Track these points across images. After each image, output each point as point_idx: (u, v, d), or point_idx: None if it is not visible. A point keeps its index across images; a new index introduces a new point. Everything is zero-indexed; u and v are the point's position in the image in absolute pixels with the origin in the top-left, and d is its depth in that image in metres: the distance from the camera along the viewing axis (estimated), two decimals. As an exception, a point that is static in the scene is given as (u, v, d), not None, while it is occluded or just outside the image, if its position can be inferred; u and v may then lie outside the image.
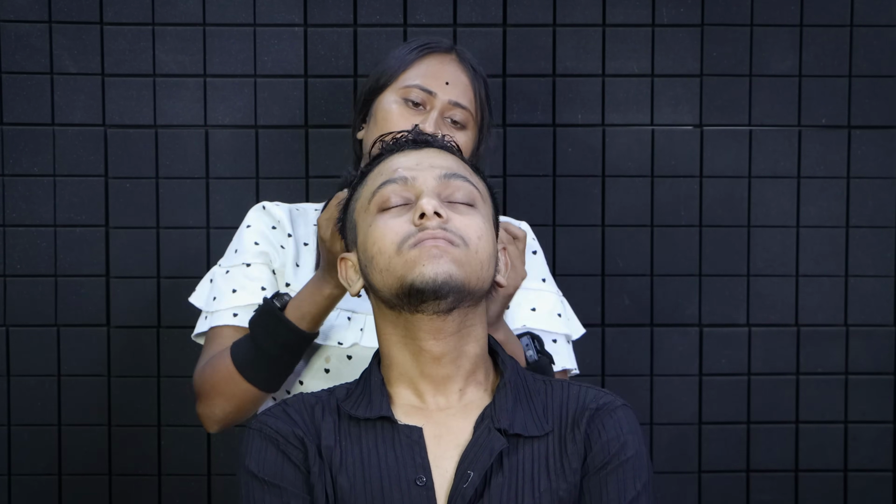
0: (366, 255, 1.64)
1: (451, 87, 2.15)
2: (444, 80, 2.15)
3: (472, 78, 2.20)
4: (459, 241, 1.59)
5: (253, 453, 1.63)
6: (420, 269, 1.57)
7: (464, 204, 1.63)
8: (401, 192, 1.63)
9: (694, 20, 2.91)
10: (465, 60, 2.22)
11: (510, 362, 1.71)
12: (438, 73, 2.16)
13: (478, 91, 2.19)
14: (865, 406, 2.97)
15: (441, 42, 2.23)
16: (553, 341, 2.12)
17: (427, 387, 1.66)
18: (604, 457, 1.62)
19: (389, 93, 2.16)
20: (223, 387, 2.03)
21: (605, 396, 1.68)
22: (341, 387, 1.71)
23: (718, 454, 2.95)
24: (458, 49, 2.24)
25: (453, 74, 2.17)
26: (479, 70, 2.24)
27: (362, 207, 1.67)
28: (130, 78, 2.88)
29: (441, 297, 1.58)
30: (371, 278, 1.64)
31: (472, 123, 2.17)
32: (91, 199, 2.89)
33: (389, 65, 2.20)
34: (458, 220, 1.61)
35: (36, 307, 2.89)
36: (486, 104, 2.22)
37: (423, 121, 2.11)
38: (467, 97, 2.17)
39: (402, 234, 1.59)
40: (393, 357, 1.67)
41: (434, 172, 1.64)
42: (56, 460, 2.91)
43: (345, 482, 1.59)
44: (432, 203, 1.58)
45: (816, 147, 2.93)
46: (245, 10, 2.88)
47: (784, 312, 2.95)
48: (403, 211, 1.62)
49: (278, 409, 1.67)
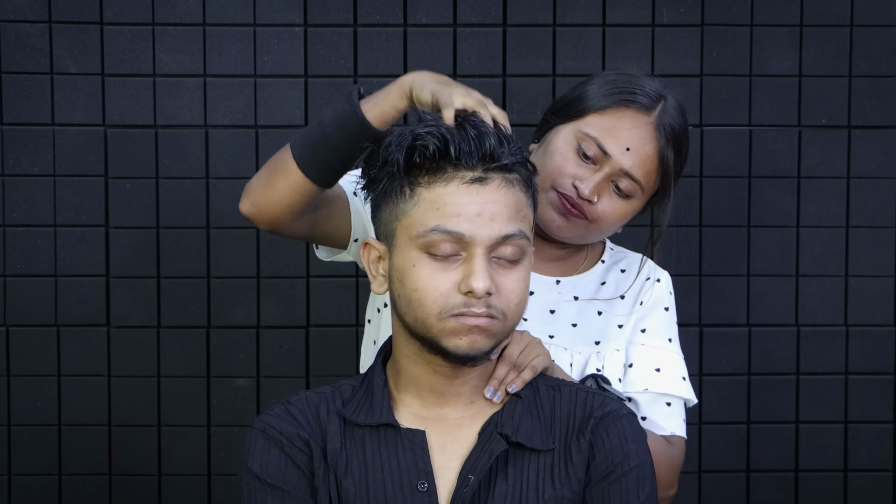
0: (402, 290, 1.59)
1: (630, 155, 1.94)
2: (625, 145, 1.94)
3: (659, 149, 1.96)
4: (500, 317, 1.58)
5: (255, 454, 1.62)
6: (455, 342, 1.56)
7: (511, 261, 1.59)
8: (452, 245, 1.56)
9: (694, 20, 2.91)
10: (663, 127, 1.96)
11: None
12: (624, 134, 1.95)
13: (662, 163, 1.97)
14: (865, 406, 2.97)
15: (649, 93, 1.98)
16: (667, 404, 2.01)
17: (434, 398, 1.65)
18: (607, 466, 1.61)
19: (569, 128, 1.98)
20: (272, 163, 1.86)
21: (611, 404, 1.66)
22: (346, 385, 1.69)
23: (718, 454, 2.95)
24: (662, 109, 1.98)
25: (639, 141, 1.95)
26: (677, 136, 1.99)
27: (407, 227, 1.59)
28: (130, 78, 2.88)
29: (468, 364, 1.60)
30: (401, 309, 1.61)
31: (639, 195, 1.97)
32: (91, 199, 2.89)
33: (588, 95, 1.99)
34: (503, 289, 1.58)
35: (36, 307, 2.89)
36: (670, 175, 1.98)
37: (586, 177, 1.93)
38: (643, 170, 1.95)
39: (447, 302, 1.55)
40: (403, 366, 1.65)
41: (493, 231, 1.56)
42: (56, 460, 2.91)
43: (350, 486, 1.58)
44: (484, 283, 1.54)
45: (816, 147, 2.93)
46: (245, 10, 2.88)
47: (784, 312, 2.95)
48: (451, 263, 1.56)
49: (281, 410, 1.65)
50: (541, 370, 1.72)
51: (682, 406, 2.04)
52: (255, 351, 2.92)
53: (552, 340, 1.97)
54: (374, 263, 1.65)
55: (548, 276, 2.03)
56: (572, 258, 2.07)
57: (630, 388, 1.98)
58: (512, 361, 1.70)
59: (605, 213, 1.96)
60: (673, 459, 1.98)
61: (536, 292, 2.00)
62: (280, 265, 2.91)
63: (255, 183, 1.87)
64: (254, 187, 1.87)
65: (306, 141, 1.80)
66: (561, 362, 1.95)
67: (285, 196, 1.83)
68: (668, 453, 1.97)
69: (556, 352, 1.96)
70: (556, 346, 1.97)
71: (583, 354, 1.99)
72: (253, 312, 2.92)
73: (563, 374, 1.81)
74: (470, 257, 1.56)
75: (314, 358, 2.92)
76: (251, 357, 2.92)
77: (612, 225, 1.99)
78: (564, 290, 2.03)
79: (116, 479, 2.91)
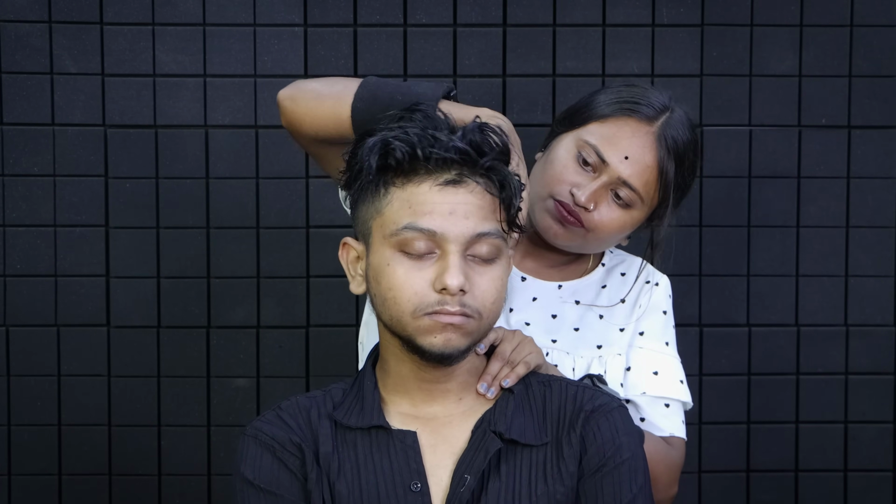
0: (378, 289, 1.60)
1: (628, 164, 1.93)
2: (623, 154, 1.93)
3: (659, 160, 1.95)
4: (475, 315, 1.58)
5: (248, 460, 1.62)
6: (430, 340, 1.57)
7: (486, 260, 1.60)
8: (426, 243, 1.57)
9: (694, 20, 2.90)
10: (664, 138, 1.95)
11: None
12: (623, 143, 1.94)
13: (663, 174, 1.96)
14: (865, 406, 2.97)
15: (653, 103, 1.97)
16: (665, 405, 2.01)
17: (423, 396, 1.65)
18: (599, 459, 1.61)
19: (571, 137, 1.98)
20: (334, 86, 1.84)
21: (601, 398, 1.66)
22: (337, 388, 1.70)
23: (718, 454, 2.95)
24: (665, 121, 1.97)
25: (639, 151, 1.94)
26: (680, 148, 1.98)
27: (381, 226, 1.60)
28: (130, 78, 2.88)
29: (444, 362, 1.60)
30: (377, 308, 1.62)
31: (640, 205, 1.96)
32: (91, 199, 2.89)
33: (593, 104, 1.99)
34: (478, 288, 1.58)
35: (36, 307, 2.89)
36: (670, 187, 1.97)
37: (584, 185, 1.92)
38: (642, 179, 1.94)
39: (421, 301, 1.56)
40: (391, 366, 1.66)
41: (466, 228, 1.57)
42: (56, 460, 2.91)
43: (343, 489, 1.59)
44: (457, 280, 1.55)
45: (816, 147, 2.93)
46: (245, 10, 2.88)
47: (784, 312, 2.95)
48: (425, 261, 1.57)
49: (273, 416, 1.66)
50: (533, 366, 1.72)
51: (681, 408, 2.04)
52: (255, 351, 2.92)
53: (554, 345, 1.98)
54: (353, 263, 1.66)
55: (550, 282, 2.03)
56: (574, 264, 2.07)
57: (629, 391, 1.99)
58: (505, 358, 1.71)
59: (602, 222, 1.95)
60: (672, 460, 1.98)
61: (539, 298, 2.00)
62: (280, 265, 2.91)
63: (308, 90, 1.86)
64: (304, 93, 1.86)
65: (374, 95, 1.79)
66: (563, 367, 1.95)
67: (322, 120, 1.83)
68: (667, 454, 1.97)
69: (558, 356, 1.96)
70: (558, 350, 1.97)
71: (585, 359, 1.99)
72: (253, 312, 2.92)
73: (555, 372, 1.82)
74: (444, 255, 1.57)
75: (314, 358, 2.93)
76: (251, 357, 2.92)
77: (610, 234, 1.98)
78: (566, 295, 2.03)
79: (116, 479, 2.92)
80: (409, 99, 1.75)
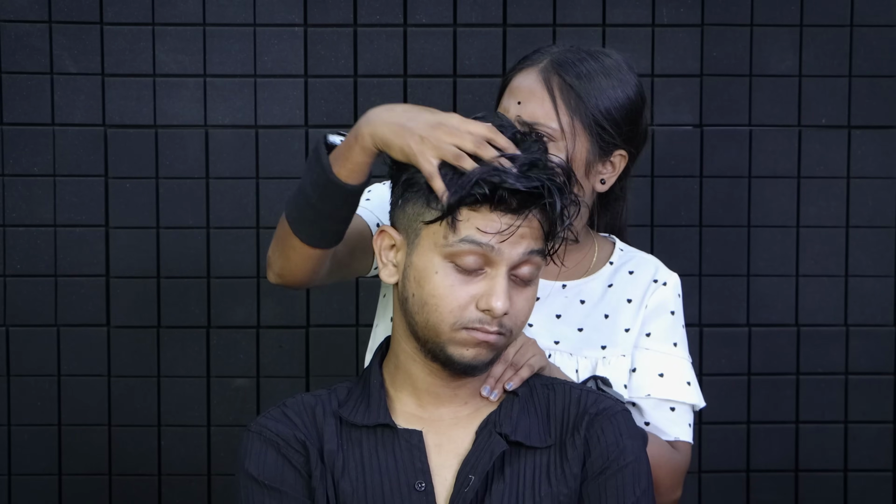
0: (419, 291, 1.59)
1: (522, 107, 1.89)
2: (516, 100, 1.91)
3: (544, 79, 1.90)
4: (507, 333, 1.60)
5: (252, 456, 1.62)
6: (462, 352, 1.58)
7: (525, 281, 1.60)
8: (476, 259, 1.56)
9: (694, 20, 2.91)
10: (552, 72, 1.90)
11: None
12: (514, 91, 1.92)
13: (552, 91, 1.89)
14: (865, 406, 2.97)
15: (545, 51, 1.93)
16: (671, 409, 1.99)
17: (432, 399, 1.65)
18: (602, 462, 1.61)
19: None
20: (279, 235, 1.85)
21: (605, 401, 1.66)
22: (342, 386, 1.70)
23: (718, 454, 2.95)
24: (551, 55, 1.92)
25: (527, 91, 1.90)
26: (562, 58, 1.91)
27: (434, 233, 1.58)
28: (130, 78, 2.88)
29: (468, 373, 1.61)
30: (411, 309, 1.61)
31: (559, 136, 1.88)
32: (91, 199, 2.89)
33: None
34: (515, 308, 1.59)
35: (36, 307, 2.89)
36: (570, 98, 1.89)
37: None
38: (543, 110, 1.89)
39: (462, 315, 1.57)
40: (401, 364, 1.66)
41: (518, 251, 1.56)
42: (56, 460, 2.91)
43: (347, 486, 1.59)
44: (504, 305, 1.56)
45: (816, 147, 2.93)
46: (245, 10, 2.88)
47: (784, 312, 2.95)
48: (473, 277, 1.57)
49: (278, 412, 1.65)
50: (537, 369, 1.72)
51: (689, 411, 2.01)
52: (255, 351, 2.92)
53: (557, 346, 1.96)
54: (386, 251, 1.64)
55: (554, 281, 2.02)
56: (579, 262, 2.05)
57: (633, 393, 1.97)
58: (508, 361, 1.70)
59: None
60: (676, 464, 1.97)
61: (543, 297, 1.97)
62: (280, 265, 2.91)
63: (272, 256, 1.86)
64: (273, 261, 1.86)
65: (299, 214, 1.77)
66: (566, 368, 1.94)
67: (301, 264, 1.81)
68: (671, 458, 1.96)
69: (561, 358, 1.95)
70: (561, 351, 1.95)
71: (589, 360, 1.97)
72: (253, 312, 2.92)
73: (559, 375, 1.81)
74: (494, 275, 1.57)
75: (314, 358, 2.93)
76: (251, 357, 2.92)
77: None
78: (571, 295, 2.01)
79: (116, 479, 2.92)
80: (314, 190, 1.73)
